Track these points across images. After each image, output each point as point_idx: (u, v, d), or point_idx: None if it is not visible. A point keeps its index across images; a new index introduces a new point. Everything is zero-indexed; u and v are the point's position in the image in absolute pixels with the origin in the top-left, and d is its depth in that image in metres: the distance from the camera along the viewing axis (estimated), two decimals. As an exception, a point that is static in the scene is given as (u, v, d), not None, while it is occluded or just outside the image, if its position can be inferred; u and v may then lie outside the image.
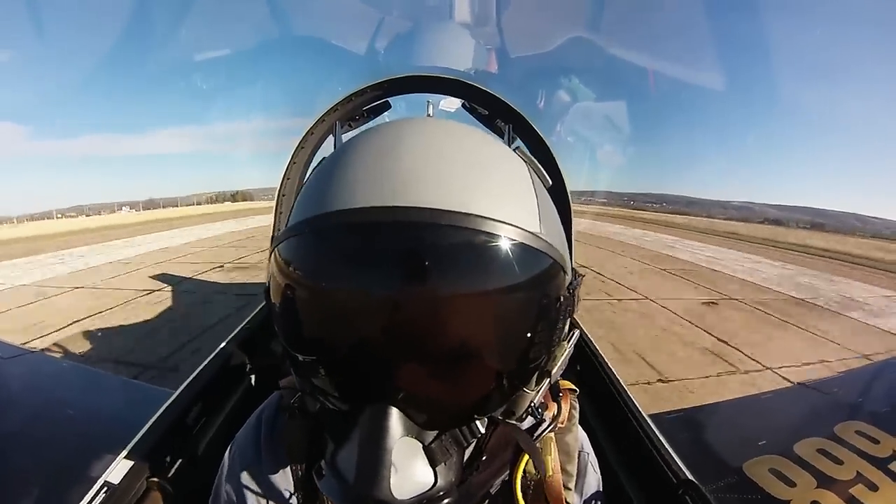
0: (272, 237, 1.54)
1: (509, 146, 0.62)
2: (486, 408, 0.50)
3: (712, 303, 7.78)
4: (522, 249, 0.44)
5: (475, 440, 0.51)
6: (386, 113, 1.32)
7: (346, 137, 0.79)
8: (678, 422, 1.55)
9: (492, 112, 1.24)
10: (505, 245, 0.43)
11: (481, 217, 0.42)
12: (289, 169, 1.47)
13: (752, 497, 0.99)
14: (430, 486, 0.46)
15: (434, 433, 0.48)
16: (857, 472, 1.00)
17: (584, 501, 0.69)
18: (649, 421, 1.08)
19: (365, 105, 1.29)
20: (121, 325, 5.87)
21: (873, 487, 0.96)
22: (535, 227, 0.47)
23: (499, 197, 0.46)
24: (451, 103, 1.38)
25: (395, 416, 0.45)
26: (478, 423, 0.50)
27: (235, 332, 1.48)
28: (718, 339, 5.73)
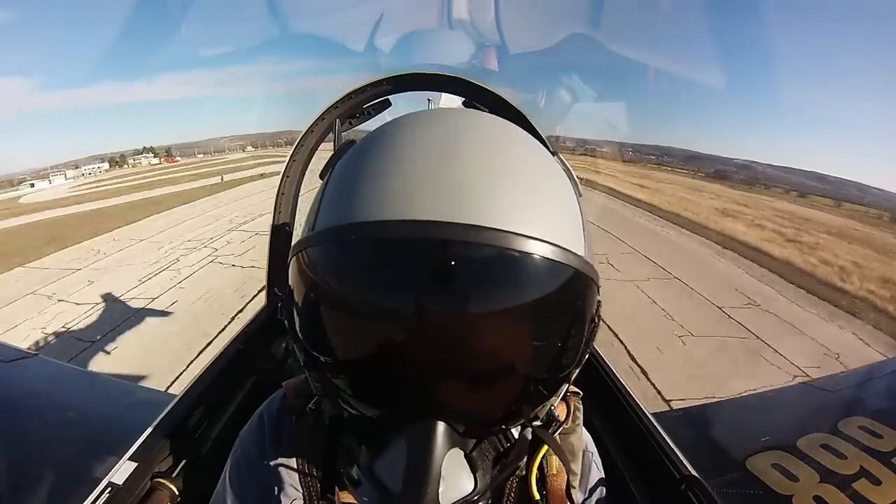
0: (272, 234, 1.55)
1: None
2: (521, 417, 0.53)
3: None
4: (574, 274, 0.45)
5: (508, 444, 0.54)
6: (386, 111, 1.31)
7: (345, 136, 0.78)
8: (681, 419, 1.55)
9: (492, 110, 1.24)
10: (559, 270, 0.44)
11: (539, 240, 0.42)
12: (288, 167, 1.46)
13: (754, 492, 0.99)
14: (470, 491, 0.48)
15: (474, 441, 0.50)
16: (861, 466, 0.99)
17: (589, 499, 0.70)
18: (652, 418, 1.08)
19: (365, 103, 1.29)
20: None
21: (876, 482, 0.95)
22: (581, 248, 0.47)
23: (552, 219, 0.46)
24: (452, 101, 1.38)
25: (442, 430, 0.45)
26: (512, 429, 0.54)
27: (237, 334, 1.48)
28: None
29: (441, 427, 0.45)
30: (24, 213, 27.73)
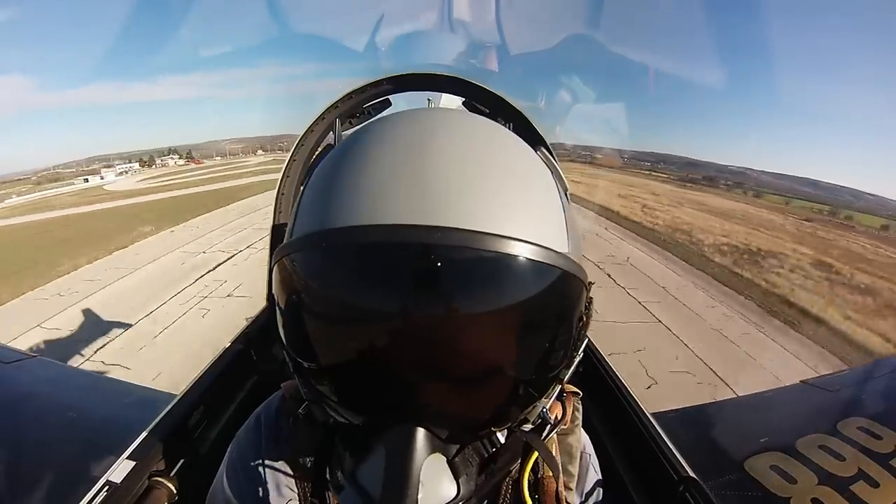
0: (272, 234, 1.55)
1: None
2: (507, 420, 0.51)
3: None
4: (557, 274, 0.43)
5: (494, 450, 0.52)
6: (385, 112, 1.31)
7: (346, 136, 0.78)
8: (680, 419, 1.55)
9: (492, 110, 1.24)
10: (542, 271, 0.42)
11: (520, 241, 0.41)
12: (288, 167, 1.46)
13: (753, 494, 0.99)
14: (452, 498, 0.47)
15: (456, 447, 0.49)
16: (859, 468, 0.99)
17: (585, 502, 0.69)
18: (651, 419, 1.07)
19: (365, 102, 1.29)
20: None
21: (875, 484, 0.95)
22: (564, 247, 0.46)
23: (535, 217, 0.45)
24: (452, 101, 1.38)
25: (422, 436, 0.44)
26: (498, 434, 0.52)
27: (238, 334, 1.48)
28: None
29: (421, 432, 0.44)
30: (136, 196, 33.76)
